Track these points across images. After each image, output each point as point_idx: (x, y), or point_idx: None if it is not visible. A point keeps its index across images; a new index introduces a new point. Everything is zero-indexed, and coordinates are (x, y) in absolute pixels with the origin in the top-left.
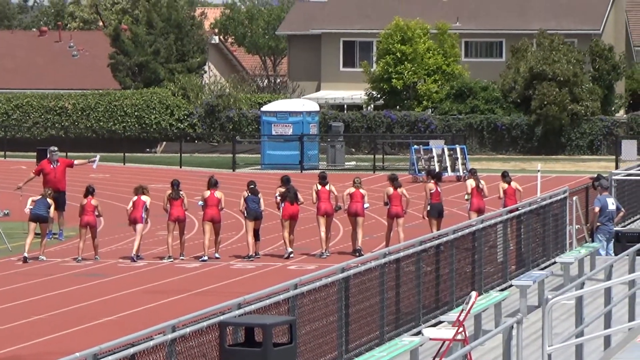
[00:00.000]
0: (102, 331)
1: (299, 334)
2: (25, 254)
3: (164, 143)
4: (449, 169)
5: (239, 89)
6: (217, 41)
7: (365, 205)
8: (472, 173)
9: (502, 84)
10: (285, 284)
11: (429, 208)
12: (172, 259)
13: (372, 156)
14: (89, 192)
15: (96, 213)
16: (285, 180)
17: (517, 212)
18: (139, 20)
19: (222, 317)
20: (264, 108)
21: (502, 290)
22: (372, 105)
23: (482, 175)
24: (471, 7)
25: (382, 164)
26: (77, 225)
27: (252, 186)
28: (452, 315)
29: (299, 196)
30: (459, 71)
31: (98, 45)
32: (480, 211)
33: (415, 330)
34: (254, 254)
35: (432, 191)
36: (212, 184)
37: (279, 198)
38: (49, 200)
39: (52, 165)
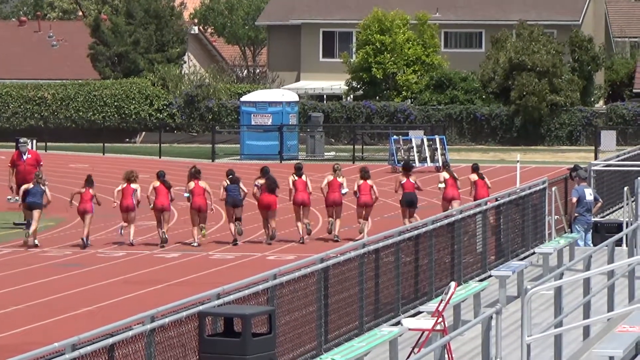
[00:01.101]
0: (80, 322)
1: (278, 324)
2: (36, 241)
3: (144, 133)
4: (428, 159)
5: (219, 79)
6: (197, 31)
7: (343, 191)
8: (445, 167)
9: (481, 74)
10: (264, 274)
11: (400, 198)
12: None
13: (352, 147)
14: (89, 182)
15: (94, 201)
16: (265, 171)
17: (496, 203)
18: (118, 11)
19: (201, 307)
20: (244, 98)
21: (481, 280)
22: (352, 96)
23: (461, 166)
24: None
25: (362, 154)
26: (58, 215)
27: (231, 175)
28: (431, 305)
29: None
30: (438, 62)
31: (77, 35)
32: (454, 201)
33: (394, 321)
34: (237, 241)
35: (402, 182)
36: (195, 174)
37: (256, 189)
38: (42, 187)
39: (22, 157)
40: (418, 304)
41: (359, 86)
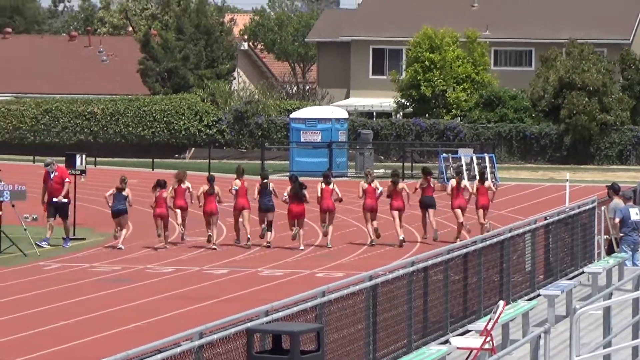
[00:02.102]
0: (129, 337)
1: (326, 341)
2: (120, 245)
3: (193, 149)
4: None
5: (268, 95)
6: (247, 47)
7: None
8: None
9: (531, 92)
10: (313, 292)
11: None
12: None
13: (401, 164)
14: (160, 185)
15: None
16: (294, 179)
17: (545, 222)
18: (168, 26)
19: (249, 324)
20: (293, 115)
21: (530, 299)
22: (401, 113)
23: (511, 184)
24: (501, 16)
25: (411, 171)
26: (107, 231)
27: (265, 180)
28: (480, 324)
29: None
30: (488, 80)
31: (127, 50)
32: (462, 208)
33: (442, 339)
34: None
35: (424, 187)
36: (241, 172)
37: (286, 197)
38: (124, 192)
39: (50, 177)
40: (467, 322)
41: (408, 104)
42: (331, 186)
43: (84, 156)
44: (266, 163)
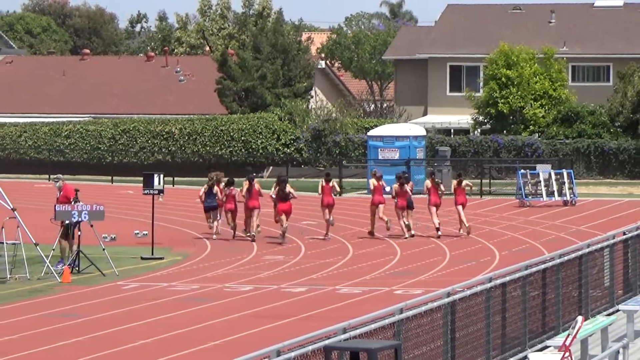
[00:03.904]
0: (208, 356)
1: (404, 358)
2: (214, 236)
3: (271, 168)
4: (555, 193)
5: (346, 113)
6: (324, 66)
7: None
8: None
9: (609, 108)
10: (390, 309)
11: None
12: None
13: (479, 181)
14: (230, 183)
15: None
16: (282, 181)
17: (624, 237)
18: (245, 45)
19: (327, 342)
20: (371, 132)
21: (608, 314)
22: (479, 130)
23: (589, 199)
24: (578, 32)
25: (489, 188)
26: (185, 250)
27: (283, 184)
28: (559, 339)
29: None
30: (565, 96)
31: (205, 70)
32: (437, 206)
33: (521, 355)
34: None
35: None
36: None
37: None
38: (214, 189)
39: (57, 194)
40: (545, 338)
41: (486, 120)
42: (330, 183)
43: (161, 176)
44: (344, 181)
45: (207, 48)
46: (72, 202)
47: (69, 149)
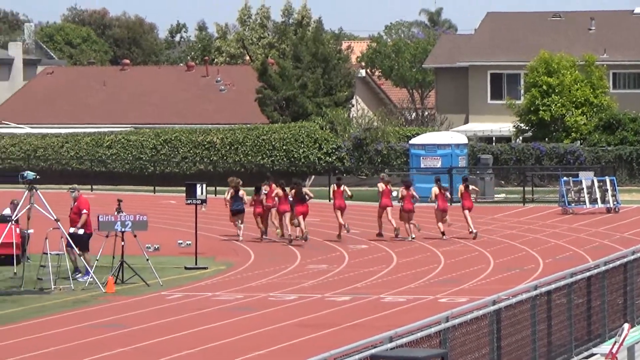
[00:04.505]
0: None
1: None
2: (240, 237)
3: (313, 177)
4: (598, 200)
5: (387, 122)
6: (364, 74)
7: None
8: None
9: None
10: (436, 317)
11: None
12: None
13: (522, 188)
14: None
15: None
16: (296, 184)
17: None
18: (285, 55)
19: (373, 351)
20: (413, 141)
21: None
22: (521, 138)
23: (632, 206)
24: (618, 39)
25: (532, 196)
26: (228, 259)
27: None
28: (605, 347)
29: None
30: (607, 103)
31: (245, 79)
32: (444, 210)
33: None
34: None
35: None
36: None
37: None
38: (240, 193)
39: (71, 204)
40: (591, 346)
41: (527, 128)
42: (342, 188)
43: (204, 185)
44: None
45: (247, 57)
46: (116, 213)
47: (111, 160)
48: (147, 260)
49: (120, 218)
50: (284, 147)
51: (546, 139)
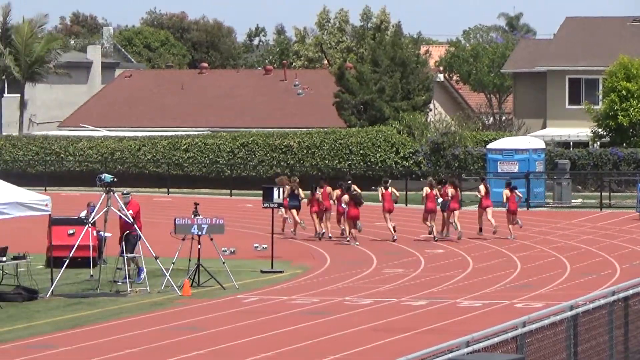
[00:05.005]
0: None
1: None
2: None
3: (390, 181)
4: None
5: (465, 126)
6: (442, 79)
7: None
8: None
9: None
10: (513, 322)
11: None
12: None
13: (599, 194)
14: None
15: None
16: (347, 188)
17: None
18: (363, 59)
19: (449, 355)
20: (490, 146)
21: None
22: (598, 143)
23: None
24: None
25: (609, 201)
26: (304, 263)
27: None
28: None
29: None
30: None
31: (323, 83)
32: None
33: None
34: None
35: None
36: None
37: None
38: (297, 192)
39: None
40: None
41: (605, 133)
42: (389, 190)
43: (281, 189)
44: (463, 194)
45: (325, 61)
46: (193, 216)
47: (188, 163)
48: (223, 263)
49: (197, 221)
50: (361, 151)
51: (624, 144)
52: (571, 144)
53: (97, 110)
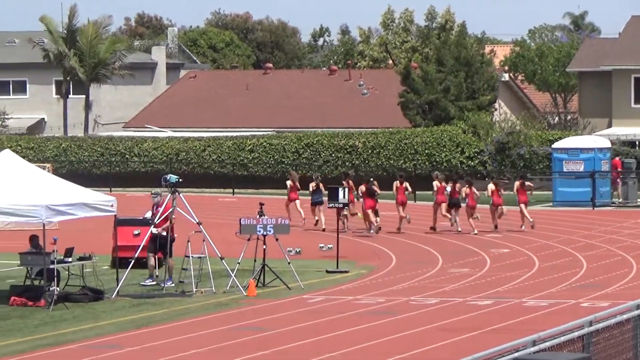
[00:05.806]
0: None
1: None
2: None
3: (404, 175)
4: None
5: (530, 126)
6: (507, 78)
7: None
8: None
9: None
10: (579, 321)
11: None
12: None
13: None
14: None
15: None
16: (367, 180)
17: None
18: (428, 59)
19: (516, 354)
20: (555, 145)
21: None
22: None
23: None
24: None
25: None
26: (369, 263)
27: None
28: None
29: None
30: None
31: (387, 83)
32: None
33: None
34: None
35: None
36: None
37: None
38: (320, 187)
39: (152, 209)
40: None
41: None
42: (404, 184)
43: (346, 189)
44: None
45: (390, 61)
46: (258, 216)
47: (253, 163)
48: (289, 263)
49: (262, 221)
50: (426, 151)
51: None
52: (637, 143)
53: (161, 111)
